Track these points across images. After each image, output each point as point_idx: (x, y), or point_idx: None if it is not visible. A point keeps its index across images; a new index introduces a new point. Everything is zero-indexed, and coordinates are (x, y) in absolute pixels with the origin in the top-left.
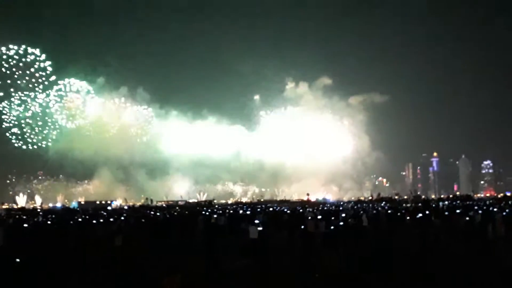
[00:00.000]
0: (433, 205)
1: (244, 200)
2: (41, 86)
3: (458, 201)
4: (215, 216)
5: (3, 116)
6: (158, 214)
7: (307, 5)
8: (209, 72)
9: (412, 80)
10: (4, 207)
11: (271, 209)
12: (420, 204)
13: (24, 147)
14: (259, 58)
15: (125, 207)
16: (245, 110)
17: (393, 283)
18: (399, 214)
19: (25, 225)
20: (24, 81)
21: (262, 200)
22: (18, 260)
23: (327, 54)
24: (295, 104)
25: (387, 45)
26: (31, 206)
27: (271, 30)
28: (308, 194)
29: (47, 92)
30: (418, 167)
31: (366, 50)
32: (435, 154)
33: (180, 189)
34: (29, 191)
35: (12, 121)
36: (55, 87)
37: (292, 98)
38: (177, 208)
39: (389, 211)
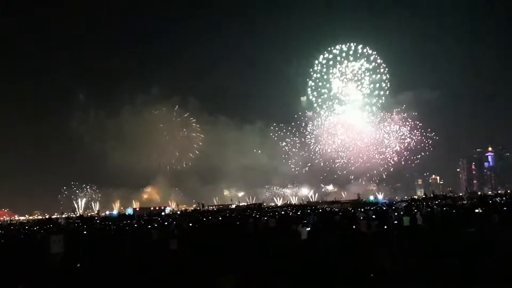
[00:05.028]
0: (490, 201)
1: (293, 202)
2: None
3: None
4: (265, 218)
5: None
6: (210, 218)
7: (342, 4)
8: (254, 76)
9: (462, 75)
10: (63, 216)
11: (320, 210)
12: (476, 200)
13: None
14: (303, 58)
15: (178, 212)
16: (292, 111)
17: (444, 283)
18: (454, 211)
19: (84, 232)
20: None
21: (312, 201)
22: (78, 265)
23: None
24: (342, 103)
25: (436, 40)
26: (89, 214)
27: (313, 30)
28: (358, 195)
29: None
30: (473, 163)
31: (415, 46)
32: (489, 148)
33: (230, 193)
34: (88, 199)
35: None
36: None
37: (339, 98)
38: (227, 211)
39: (444, 209)
